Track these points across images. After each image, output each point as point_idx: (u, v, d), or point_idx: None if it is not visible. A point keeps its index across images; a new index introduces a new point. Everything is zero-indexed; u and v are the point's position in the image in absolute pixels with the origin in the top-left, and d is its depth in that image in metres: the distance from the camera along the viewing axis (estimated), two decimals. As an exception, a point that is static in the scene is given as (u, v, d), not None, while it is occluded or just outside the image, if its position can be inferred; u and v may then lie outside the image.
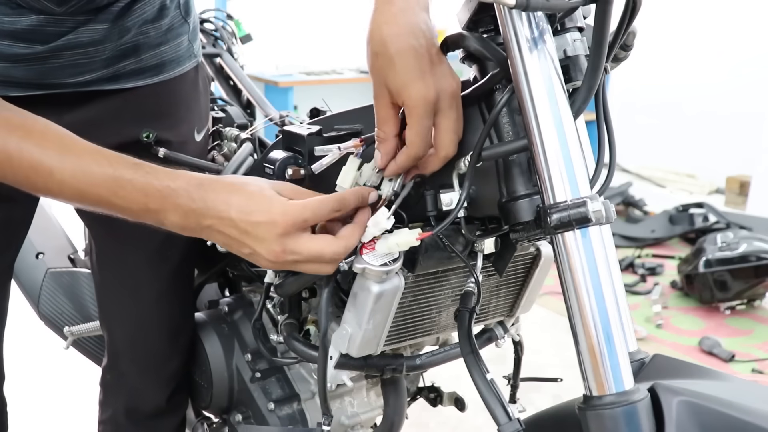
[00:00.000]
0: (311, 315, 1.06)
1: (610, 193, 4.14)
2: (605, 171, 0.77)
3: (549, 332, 2.76)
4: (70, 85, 1.00)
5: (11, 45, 0.91)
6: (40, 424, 2.19)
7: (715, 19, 4.78)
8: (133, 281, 1.19)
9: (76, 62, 0.98)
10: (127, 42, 1.02)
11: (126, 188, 0.75)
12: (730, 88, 4.74)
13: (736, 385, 0.73)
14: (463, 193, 0.75)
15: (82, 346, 1.49)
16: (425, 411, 1.38)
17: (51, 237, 1.60)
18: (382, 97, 0.75)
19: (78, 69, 0.99)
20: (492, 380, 0.75)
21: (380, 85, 0.74)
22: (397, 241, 0.78)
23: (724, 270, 3.00)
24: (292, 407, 1.15)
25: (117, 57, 1.02)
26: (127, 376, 1.25)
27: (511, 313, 1.03)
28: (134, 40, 1.03)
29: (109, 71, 1.02)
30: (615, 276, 0.70)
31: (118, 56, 1.02)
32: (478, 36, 0.74)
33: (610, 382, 0.67)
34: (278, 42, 4.88)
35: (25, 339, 2.50)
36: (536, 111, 0.67)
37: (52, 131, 0.77)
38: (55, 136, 0.77)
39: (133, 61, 1.05)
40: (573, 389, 0.75)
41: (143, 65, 1.06)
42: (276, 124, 1.30)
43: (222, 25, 1.82)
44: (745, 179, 4.49)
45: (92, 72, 1.01)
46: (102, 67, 1.01)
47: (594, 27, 0.66)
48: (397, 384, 1.08)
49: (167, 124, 1.12)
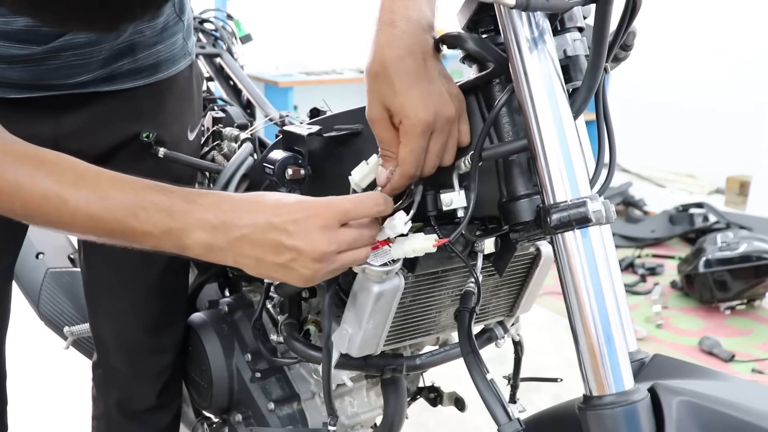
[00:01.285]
0: (311, 315, 1.06)
1: (610, 193, 4.14)
2: (605, 171, 0.77)
3: (549, 332, 2.76)
4: (67, 86, 1.00)
5: (7, 46, 0.91)
6: (40, 423, 2.19)
7: (715, 18, 4.78)
8: (121, 278, 1.19)
9: (73, 63, 0.97)
10: (123, 42, 1.02)
11: (148, 209, 0.72)
12: (730, 88, 4.74)
13: (736, 385, 0.73)
14: (471, 194, 0.75)
15: (82, 346, 1.50)
16: (425, 411, 1.38)
17: (51, 237, 1.60)
18: (382, 119, 0.75)
19: (75, 70, 0.98)
20: (492, 380, 0.75)
21: (377, 106, 0.74)
22: (413, 247, 0.77)
23: (724, 270, 3.00)
24: (292, 407, 1.15)
25: (113, 57, 1.02)
26: (117, 372, 1.26)
27: (511, 313, 1.03)
28: (130, 39, 1.03)
29: (105, 71, 1.02)
30: (615, 276, 0.70)
31: (115, 56, 1.02)
32: (475, 37, 0.74)
33: (610, 382, 0.67)
34: (278, 42, 4.88)
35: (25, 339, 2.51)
36: (536, 111, 0.67)
37: (65, 160, 0.75)
38: (69, 165, 0.75)
39: (129, 60, 1.04)
40: (573, 389, 0.75)
41: (139, 65, 1.06)
42: (276, 124, 1.30)
43: (222, 25, 1.82)
44: (745, 179, 4.49)
45: (89, 73, 1.00)
46: (98, 68, 1.01)
47: (594, 27, 0.66)
48: (397, 384, 1.08)
49: (161, 123, 1.12)
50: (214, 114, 1.38)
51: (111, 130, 1.08)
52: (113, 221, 0.72)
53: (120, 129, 1.08)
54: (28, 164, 0.72)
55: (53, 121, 1.03)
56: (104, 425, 1.31)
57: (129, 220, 0.72)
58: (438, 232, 0.78)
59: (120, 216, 0.72)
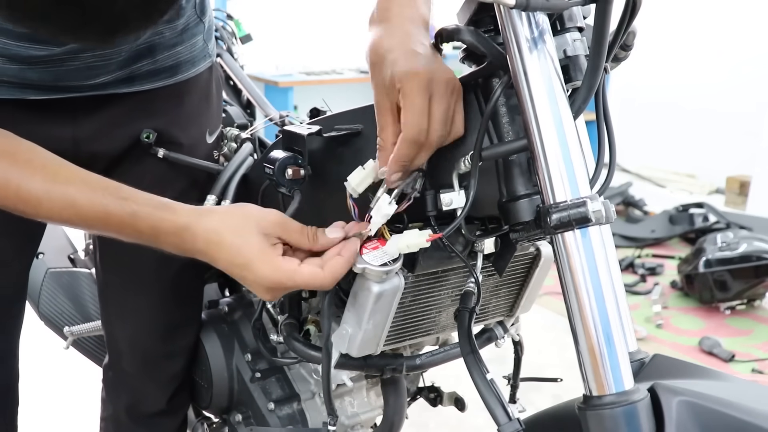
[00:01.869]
0: (311, 315, 1.06)
1: (610, 193, 4.15)
2: (605, 171, 0.77)
3: (549, 332, 2.76)
4: (86, 87, 0.99)
5: (27, 47, 0.90)
6: (41, 423, 2.18)
7: (715, 18, 4.78)
8: (137, 282, 1.18)
9: (92, 64, 0.97)
10: (142, 43, 1.01)
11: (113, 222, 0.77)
12: (730, 88, 4.74)
13: (736, 385, 0.74)
14: (471, 192, 0.75)
15: (82, 346, 1.49)
16: (425, 411, 1.38)
17: (51, 237, 1.60)
18: (383, 102, 0.75)
19: (94, 71, 0.98)
20: (492, 380, 0.75)
21: (380, 90, 0.75)
22: (407, 243, 0.77)
23: (724, 270, 3.00)
24: (292, 407, 1.15)
25: (132, 58, 1.01)
26: (128, 376, 1.25)
27: (511, 313, 1.03)
28: (150, 40, 1.02)
29: (124, 73, 1.02)
30: (615, 276, 0.70)
31: (134, 57, 1.02)
32: (471, 29, 0.74)
33: (610, 382, 0.67)
34: (278, 42, 4.88)
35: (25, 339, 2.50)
36: (536, 111, 0.67)
37: (38, 158, 0.78)
38: (40, 164, 0.78)
39: (149, 62, 1.04)
40: (573, 389, 0.75)
41: (158, 66, 1.05)
42: (276, 124, 1.30)
43: (222, 25, 1.82)
44: (745, 179, 4.49)
45: (108, 74, 1.00)
46: (117, 69, 1.00)
47: (594, 27, 0.66)
48: (397, 384, 1.08)
49: (179, 125, 1.11)
50: (215, 114, 1.38)
51: (129, 132, 1.07)
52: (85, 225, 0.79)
53: (136, 131, 1.07)
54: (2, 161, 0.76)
55: (72, 122, 1.02)
56: (112, 427, 1.31)
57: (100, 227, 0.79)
58: (435, 227, 0.78)
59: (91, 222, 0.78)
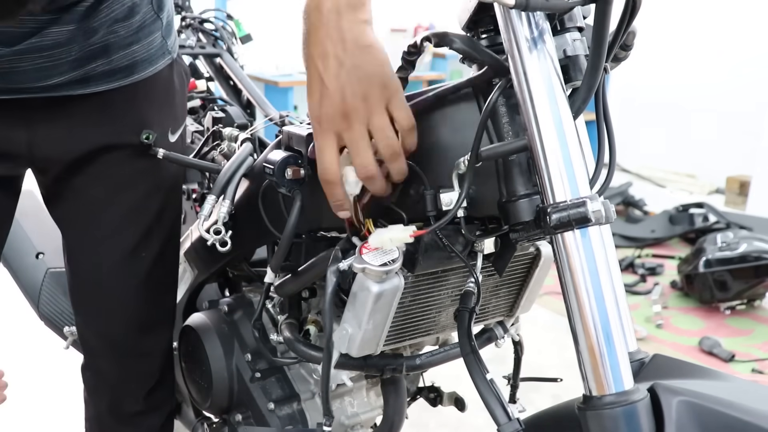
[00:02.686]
0: (311, 315, 1.06)
1: (610, 193, 4.15)
2: (605, 171, 0.77)
3: (549, 332, 2.76)
4: (39, 89, 0.97)
5: None
6: (40, 423, 2.19)
7: (716, 18, 4.78)
8: (106, 278, 1.17)
9: (42, 65, 0.95)
10: (95, 43, 0.99)
11: None
12: (730, 88, 4.74)
13: (736, 385, 0.73)
14: (463, 192, 0.74)
15: (82, 346, 1.49)
16: (425, 411, 1.38)
17: (51, 237, 1.60)
18: None
19: (44, 72, 0.96)
20: (492, 380, 0.75)
21: None
22: (390, 237, 0.77)
23: (724, 270, 3.00)
24: (292, 407, 1.15)
25: (86, 58, 0.99)
26: (105, 374, 1.24)
27: (511, 313, 1.03)
28: (103, 40, 1.00)
29: (78, 74, 0.99)
30: (615, 276, 0.70)
31: (87, 58, 0.99)
32: (463, 36, 0.73)
33: (609, 382, 0.67)
34: (278, 42, 4.87)
35: (25, 339, 2.51)
36: (536, 111, 0.67)
37: None
38: None
39: (104, 62, 1.01)
40: (573, 389, 0.75)
41: (114, 66, 1.03)
42: (276, 124, 1.30)
43: (222, 25, 1.82)
44: (745, 179, 4.50)
45: (60, 75, 0.97)
46: (70, 70, 0.98)
47: (594, 27, 0.66)
48: (397, 384, 1.08)
49: (137, 126, 1.09)
50: (214, 114, 1.38)
51: (86, 135, 1.05)
52: None
53: (95, 133, 1.05)
54: None
55: (26, 125, 1.00)
56: (97, 428, 1.30)
57: None
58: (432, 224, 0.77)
59: None
